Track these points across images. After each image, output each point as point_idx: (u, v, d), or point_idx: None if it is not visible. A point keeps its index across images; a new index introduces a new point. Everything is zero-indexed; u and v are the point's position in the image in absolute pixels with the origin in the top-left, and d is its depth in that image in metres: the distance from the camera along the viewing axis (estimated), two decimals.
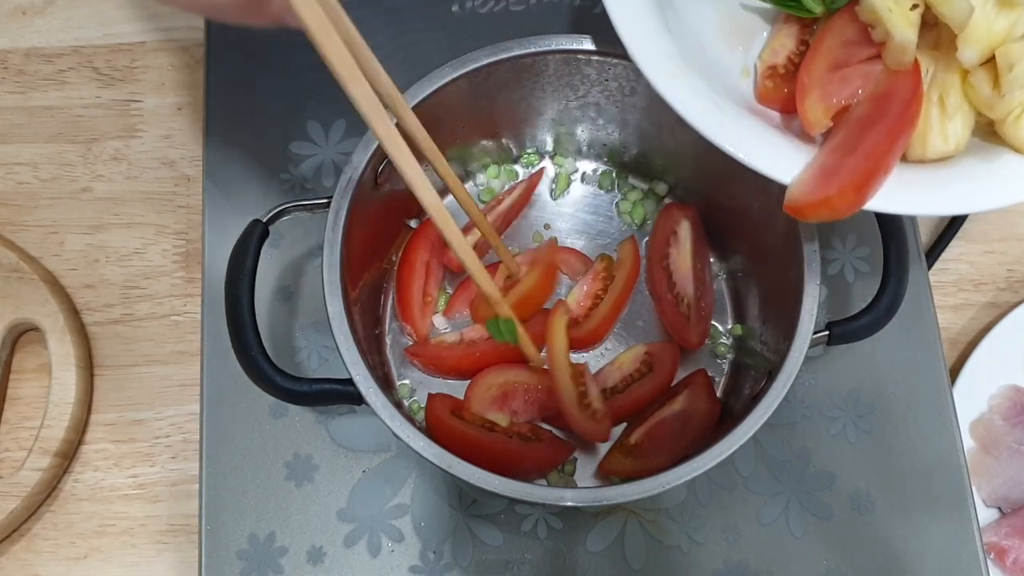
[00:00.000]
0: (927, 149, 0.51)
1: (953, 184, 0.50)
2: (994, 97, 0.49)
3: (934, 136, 0.50)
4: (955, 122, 0.50)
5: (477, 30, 0.73)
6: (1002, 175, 0.50)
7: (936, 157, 0.51)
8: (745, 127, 0.51)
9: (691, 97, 0.51)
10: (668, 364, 0.64)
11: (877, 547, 0.62)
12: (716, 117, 0.50)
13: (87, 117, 0.77)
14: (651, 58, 0.51)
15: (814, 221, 0.50)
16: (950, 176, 0.50)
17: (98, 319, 0.72)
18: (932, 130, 0.50)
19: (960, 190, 0.49)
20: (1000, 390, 0.70)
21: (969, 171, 0.50)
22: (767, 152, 0.50)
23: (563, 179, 0.70)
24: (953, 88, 0.50)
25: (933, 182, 0.50)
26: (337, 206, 0.56)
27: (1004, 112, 0.49)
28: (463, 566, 0.61)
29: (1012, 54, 0.47)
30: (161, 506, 0.68)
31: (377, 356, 0.64)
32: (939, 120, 0.50)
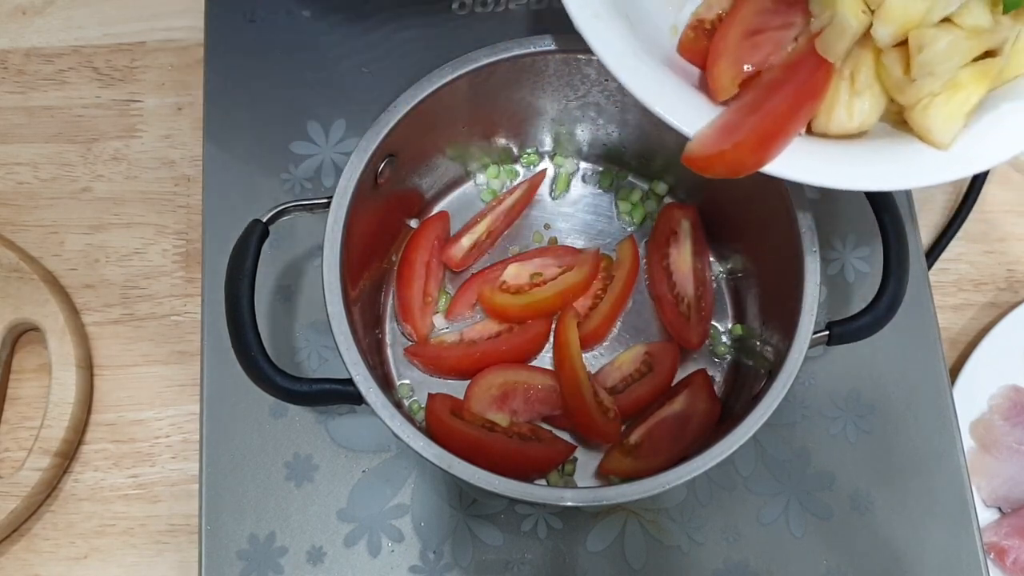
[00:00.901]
0: (831, 122, 0.51)
1: (852, 160, 0.50)
2: (904, 81, 0.49)
3: (839, 110, 0.50)
4: (863, 99, 0.50)
5: (477, 30, 0.73)
6: (901, 159, 0.50)
7: (839, 132, 0.51)
8: (660, 78, 0.51)
9: (612, 40, 0.51)
10: (668, 364, 0.64)
11: (877, 547, 0.62)
12: (632, 63, 0.50)
13: (87, 117, 0.77)
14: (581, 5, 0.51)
15: (712, 176, 0.50)
16: (852, 153, 0.50)
17: (98, 319, 0.72)
18: (838, 104, 0.50)
19: (858, 167, 0.49)
20: (1000, 390, 0.70)
21: (871, 151, 0.50)
22: (677, 104, 0.50)
23: (563, 179, 0.70)
24: (865, 66, 0.50)
25: (834, 156, 0.50)
26: (337, 206, 0.56)
27: (913, 98, 0.49)
28: (463, 566, 0.61)
29: (924, 38, 0.47)
30: (161, 506, 0.68)
31: (377, 356, 0.64)
32: (847, 95, 0.50)
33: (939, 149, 0.49)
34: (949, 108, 0.49)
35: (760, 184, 0.59)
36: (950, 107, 0.49)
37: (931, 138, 0.49)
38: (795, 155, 0.49)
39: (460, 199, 0.70)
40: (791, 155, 0.49)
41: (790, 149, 0.50)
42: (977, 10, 0.48)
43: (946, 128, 0.49)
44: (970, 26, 0.48)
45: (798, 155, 0.50)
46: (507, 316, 0.65)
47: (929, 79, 0.48)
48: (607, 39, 0.51)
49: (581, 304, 0.66)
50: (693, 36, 0.55)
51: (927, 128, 0.49)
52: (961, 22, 0.48)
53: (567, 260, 0.66)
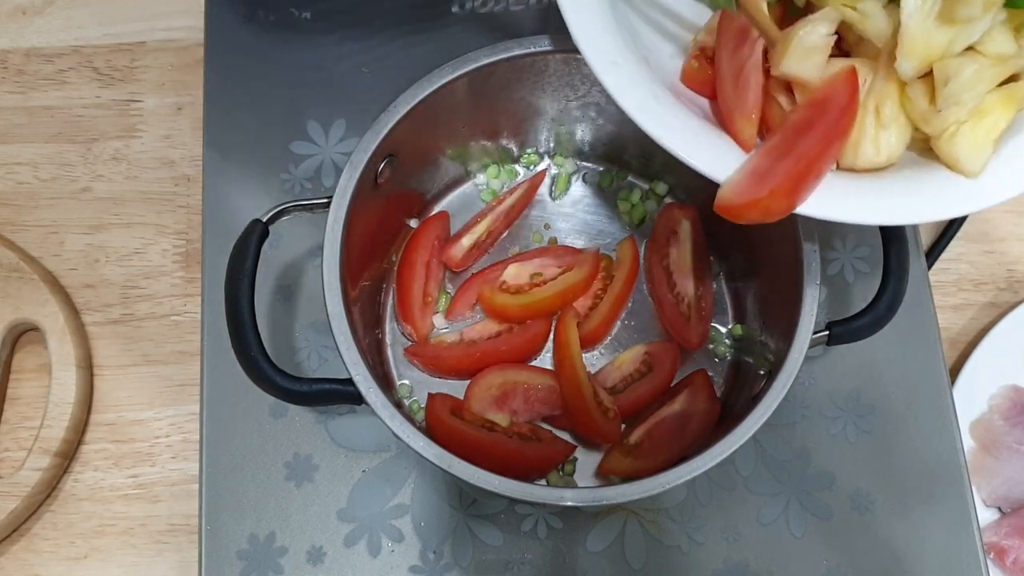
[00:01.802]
0: (858, 158, 0.50)
1: (882, 194, 0.49)
2: (930, 112, 0.48)
3: (866, 145, 0.50)
4: (889, 132, 0.50)
5: (477, 30, 0.73)
6: (932, 190, 0.49)
7: (867, 167, 0.50)
8: (681, 120, 0.51)
9: (630, 87, 0.50)
10: (668, 364, 0.64)
11: (877, 547, 0.62)
12: (653, 109, 0.50)
13: (87, 117, 0.77)
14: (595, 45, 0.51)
15: (744, 223, 0.49)
16: (880, 186, 0.49)
17: (98, 319, 0.72)
18: (865, 139, 0.50)
19: (888, 201, 0.49)
20: (1000, 390, 0.70)
21: (900, 183, 0.50)
22: (703, 149, 0.50)
23: (563, 179, 0.70)
24: (890, 99, 0.49)
25: (864, 191, 0.49)
26: (337, 206, 0.56)
27: (939, 128, 0.49)
28: (463, 566, 0.61)
29: (949, 69, 0.47)
30: (161, 506, 0.68)
31: (377, 356, 0.64)
32: (873, 129, 0.50)
33: (969, 177, 0.49)
34: (976, 135, 0.48)
35: None
36: (977, 134, 0.48)
37: (960, 167, 0.49)
38: (825, 193, 0.49)
39: (460, 199, 0.70)
40: (821, 193, 0.49)
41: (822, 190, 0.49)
42: (1000, 37, 0.47)
43: (975, 156, 0.48)
44: (994, 53, 0.47)
45: (828, 193, 0.49)
46: (507, 316, 0.65)
47: (955, 108, 0.48)
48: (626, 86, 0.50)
49: (581, 304, 0.66)
50: (697, 66, 0.55)
51: (955, 157, 0.49)
52: (984, 50, 0.47)
53: (567, 260, 0.66)
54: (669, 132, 0.50)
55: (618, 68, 0.50)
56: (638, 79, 0.51)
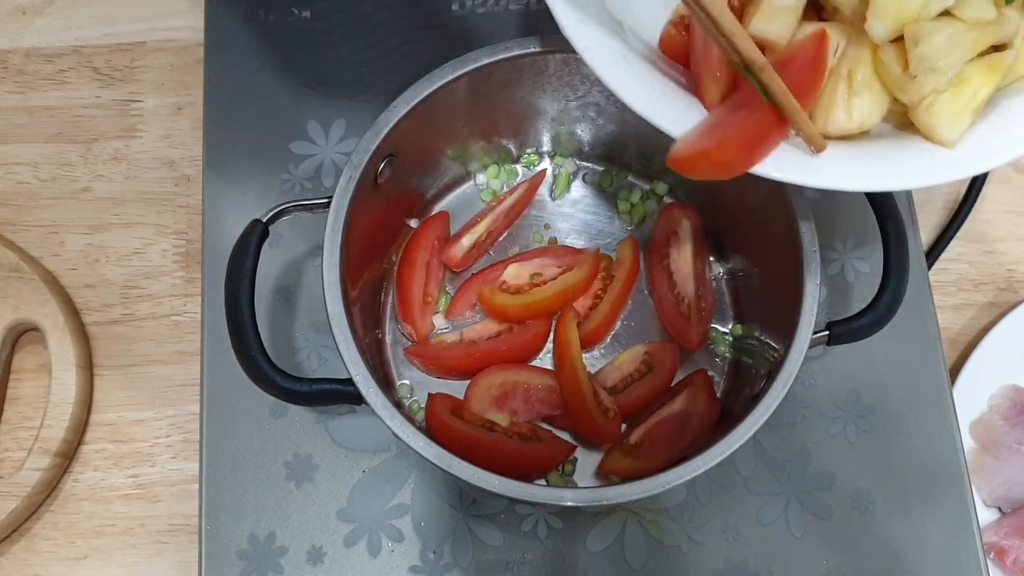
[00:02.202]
0: (828, 122, 0.49)
1: (854, 160, 0.48)
2: (904, 78, 0.47)
3: (837, 111, 0.49)
4: (862, 99, 0.48)
5: (477, 30, 0.73)
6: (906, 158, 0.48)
7: (838, 132, 0.49)
8: (648, 81, 0.50)
9: (598, 44, 0.49)
10: (668, 364, 0.64)
11: (877, 547, 0.62)
12: (620, 68, 0.49)
13: (87, 117, 0.77)
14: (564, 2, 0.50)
15: (698, 178, 0.48)
16: (854, 153, 0.49)
17: (98, 319, 0.72)
18: (836, 105, 0.49)
19: (859, 167, 0.48)
20: (1000, 390, 0.70)
21: (875, 151, 0.49)
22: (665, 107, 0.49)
23: (563, 179, 0.70)
24: (863, 64, 0.48)
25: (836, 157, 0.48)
26: (337, 206, 0.56)
27: (916, 96, 0.47)
28: (463, 566, 0.61)
29: (920, 31, 0.45)
30: (161, 506, 0.68)
31: (377, 356, 0.64)
32: (845, 95, 0.49)
33: (945, 147, 0.48)
34: (955, 105, 0.47)
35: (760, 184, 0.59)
36: (956, 104, 0.47)
37: (936, 136, 0.48)
38: (792, 157, 0.48)
39: (460, 199, 0.70)
40: (788, 156, 0.48)
41: (787, 151, 0.48)
42: (978, 2, 0.46)
43: (951, 125, 0.47)
44: (971, 18, 0.46)
45: (795, 157, 0.48)
46: (507, 316, 0.65)
47: (931, 75, 0.46)
48: (591, 44, 0.49)
49: (581, 304, 0.66)
50: (675, 32, 0.53)
51: (931, 126, 0.48)
52: (961, 14, 0.46)
53: (567, 260, 0.66)
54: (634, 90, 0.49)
55: (585, 26, 0.50)
56: (607, 38, 0.50)
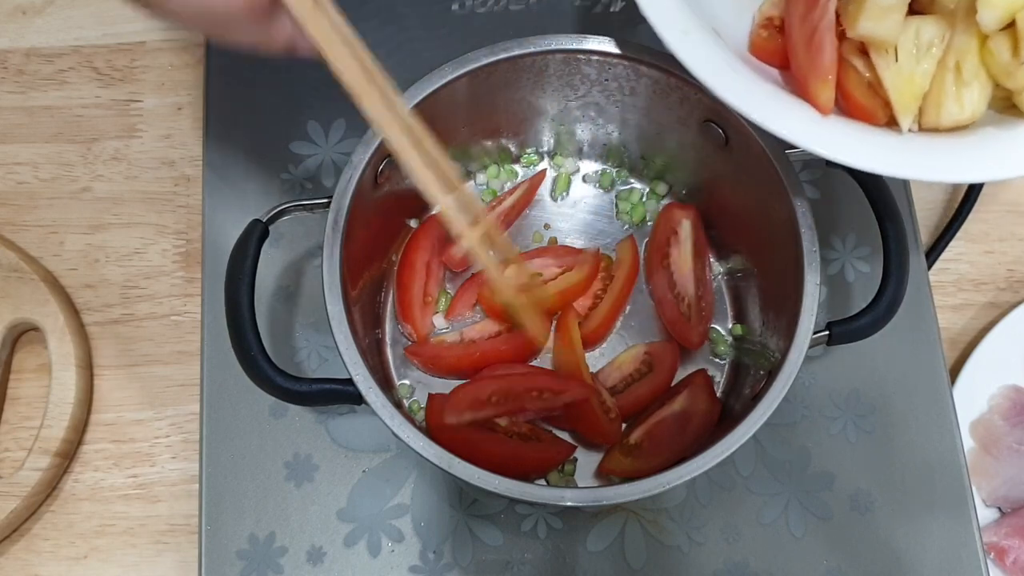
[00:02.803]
0: (941, 116, 0.50)
1: (968, 152, 0.48)
2: (1013, 64, 0.47)
3: (949, 103, 0.49)
4: (971, 89, 0.49)
5: (477, 30, 0.73)
6: (1017, 146, 0.48)
7: (950, 124, 0.50)
8: (756, 87, 0.51)
9: (703, 56, 0.50)
10: (668, 364, 0.64)
11: (877, 547, 0.62)
12: (728, 77, 0.50)
13: (87, 117, 0.77)
14: (663, 14, 0.51)
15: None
16: (965, 145, 0.49)
17: (98, 319, 0.72)
18: (947, 96, 0.49)
19: (974, 158, 0.48)
20: (1000, 390, 0.70)
21: (985, 140, 0.49)
22: (778, 112, 0.50)
23: (563, 179, 0.70)
24: (971, 54, 0.49)
25: (949, 150, 0.49)
26: (337, 206, 0.56)
27: (1023, 81, 0.48)
28: (463, 566, 0.61)
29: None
30: (161, 506, 0.68)
31: (377, 356, 0.64)
32: (954, 86, 0.49)
33: None
34: None
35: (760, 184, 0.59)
36: None
37: None
38: (912, 154, 0.49)
39: None
40: (909, 155, 0.49)
41: (906, 147, 0.49)
42: None
43: None
44: None
45: (915, 154, 0.49)
46: (507, 316, 0.65)
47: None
48: (698, 57, 0.50)
49: (581, 304, 0.66)
50: (767, 35, 0.54)
51: None
52: None
53: (567, 260, 0.66)
54: (749, 101, 0.49)
55: (690, 38, 0.50)
56: (711, 48, 0.51)
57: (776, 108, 0.50)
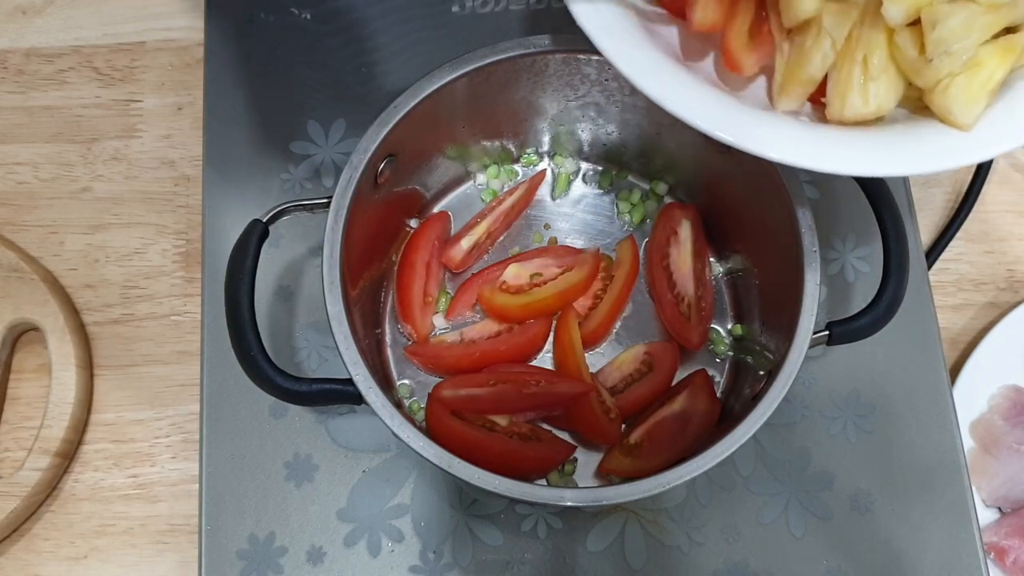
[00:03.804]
0: (845, 108, 0.49)
1: (871, 145, 0.48)
2: (920, 62, 0.47)
3: (853, 96, 0.49)
4: (878, 84, 0.48)
5: (477, 30, 0.73)
6: (923, 142, 0.48)
7: (854, 118, 0.49)
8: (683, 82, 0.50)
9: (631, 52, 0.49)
10: (668, 364, 0.64)
11: (877, 547, 0.62)
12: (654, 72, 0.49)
13: (87, 117, 0.77)
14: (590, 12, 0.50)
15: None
16: (870, 138, 0.48)
17: (98, 319, 0.72)
18: (852, 90, 0.49)
19: (877, 152, 0.47)
20: (1000, 390, 0.70)
21: (891, 136, 0.49)
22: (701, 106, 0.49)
23: (563, 179, 0.70)
24: (878, 48, 0.48)
25: (853, 142, 0.48)
26: (337, 206, 0.56)
27: (931, 80, 0.47)
28: (463, 566, 0.61)
29: (937, 14, 0.45)
30: (161, 506, 0.68)
31: (377, 356, 0.64)
32: (861, 80, 0.48)
33: (961, 131, 0.48)
34: (970, 88, 0.47)
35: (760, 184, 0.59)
36: (971, 87, 0.47)
37: (952, 119, 0.48)
38: (812, 143, 0.48)
39: (460, 199, 0.70)
40: (808, 143, 0.48)
41: (803, 136, 0.48)
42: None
43: (968, 108, 0.47)
44: (986, 0, 0.46)
45: (816, 143, 0.48)
46: (507, 316, 0.65)
47: (946, 58, 0.46)
48: (626, 51, 0.49)
49: (581, 304, 0.66)
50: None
51: (947, 109, 0.47)
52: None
53: (567, 260, 0.66)
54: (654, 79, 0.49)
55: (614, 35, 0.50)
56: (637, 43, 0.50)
57: (682, 90, 0.49)
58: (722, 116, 0.49)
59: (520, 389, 0.61)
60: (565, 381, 0.62)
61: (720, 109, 0.49)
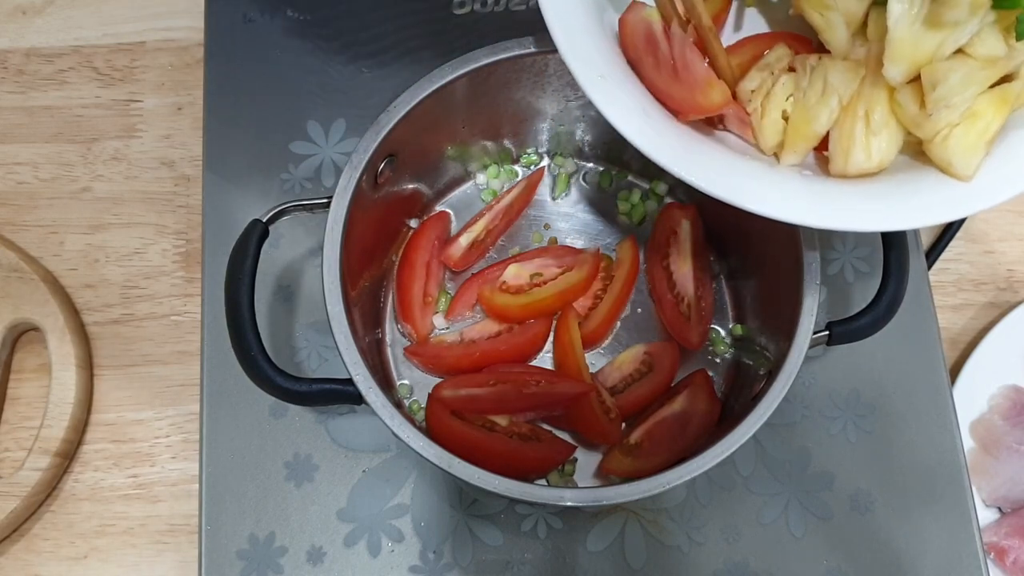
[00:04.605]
0: (848, 164, 0.50)
1: (874, 200, 0.49)
2: (921, 116, 0.48)
3: (857, 151, 0.49)
4: (880, 138, 0.49)
5: (477, 30, 0.73)
6: (925, 194, 0.48)
7: (858, 173, 0.50)
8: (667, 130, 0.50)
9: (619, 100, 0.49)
10: (668, 364, 0.64)
11: (877, 547, 0.62)
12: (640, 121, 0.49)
13: (87, 117, 0.77)
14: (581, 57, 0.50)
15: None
16: (873, 192, 0.49)
17: (98, 319, 0.72)
18: (855, 145, 0.49)
19: (881, 206, 0.48)
20: (1000, 390, 0.70)
21: (893, 188, 0.49)
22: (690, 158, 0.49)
23: (563, 179, 0.70)
24: (879, 104, 0.49)
25: (856, 197, 0.49)
26: (337, 206, 0.56)
27: (931, 132, 0.48)
28: (463, 566, 0.61)
29: (937, 73, 0.46)
30: (161, 506, 0.68)
31: (377, 356, 0.64)
32: (864, 136, 0.49)
33: (962, 181, 0.48)
34: (969, 138, 0.48)
35: None
36: (970, 137, 0.48)
37: (953, 171, 0.48)
38: (818, 200, 0.49)
39: (460, 199, 0.70)
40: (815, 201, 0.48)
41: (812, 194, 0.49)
42: (990, 39, 0.47)
43: (967, 159, 0.48)
44: (984, 56, 0.47)
45: (821, 200, 0.49)
46: (507, 316, 0.65)
47: (946, 111, 0.47)
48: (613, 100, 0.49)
49: (581, 304, 0.66)
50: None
51: (948, 161, 0.48)
52: (974, 52, 0.47)
53: (567, 260, 0.66)
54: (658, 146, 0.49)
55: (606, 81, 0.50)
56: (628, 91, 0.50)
57: (689, 155, 0.49)
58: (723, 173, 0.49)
59: (520, 389, 0.61)
60: (565, 381, 0.62)
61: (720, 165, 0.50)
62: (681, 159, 0.49)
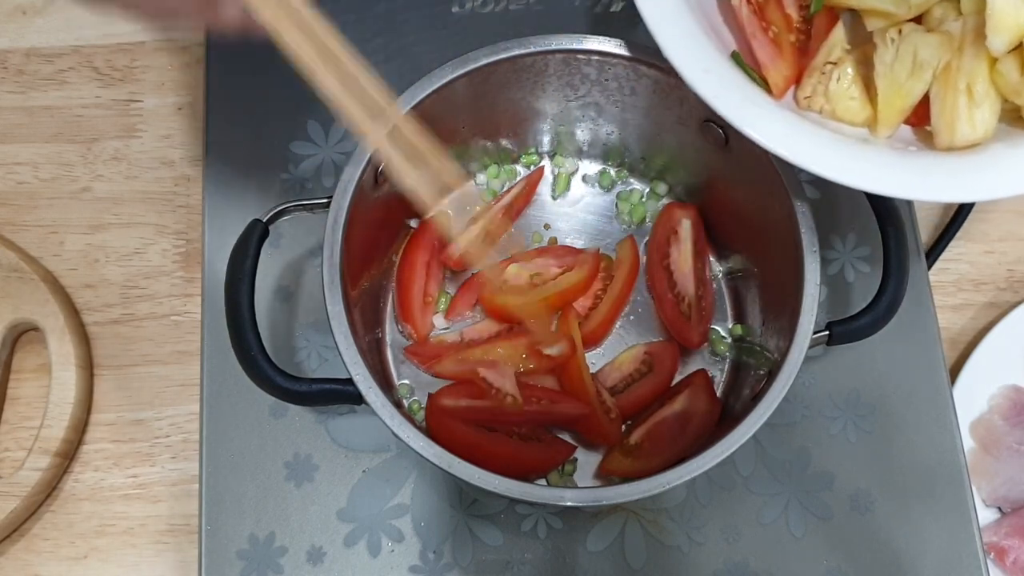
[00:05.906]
0: (955, 137, 0.51)
1: (982, 170, 0.50)
2: (1022, 84, 0.49)
3: (962, 124, 0.51)
4: (983, 109, 0.51)
5: (477, 30, 0.73)
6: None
7: (964, 144, 0.51)
8: (778, 119, 0.52)
9: (725, 92, 0.52)
10: (668, 364, 0.64)
11: (877, 547, 0.62)
12: (751, 111, 0.51)
13: (87, 117, 0.77)
14: (685, 55, 0.52)
15: None
16: (978, 163, 0.51)
17: (98, 319, 0.72)
18: (960, 118, 0.51)
19: (989, 176, 0.50)
20: (1000, 390, 0.70)
21: (997, 157, 0.51)
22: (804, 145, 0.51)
23: (563, 179, 0.70)
24: (981, 76, 0.51)
25: (961, 169, 0.51)
26: (337, 206, 0.56)
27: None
28: (463, 566, 0.61)
29: None
30: (161, 506, 0.68)
31: (377, 356, 0.64)
32: (967, 108, 0.51)
33: None
34: None
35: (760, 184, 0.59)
36: None
37: None
38: (931, 175, 0.50)
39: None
40: (927, 176, 0.50)
41: (922, 170, 0.50)
42: None
43: None
44: None
45: (934, 175, 0.50)
46: (507, 316, 0.65)
47: None
48: (719, 93, 0.51)
49: (581, 304, 0.66)
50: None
51: None
52: None
53: (567, 260, 0.66)
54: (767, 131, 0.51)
55: (711, 75, 0.52)
56: (735, 83, 0.52)
57: (795, 137, 0.51)
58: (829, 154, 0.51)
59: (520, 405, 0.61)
60: (567, 401, 0.62)
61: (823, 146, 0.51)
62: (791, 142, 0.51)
